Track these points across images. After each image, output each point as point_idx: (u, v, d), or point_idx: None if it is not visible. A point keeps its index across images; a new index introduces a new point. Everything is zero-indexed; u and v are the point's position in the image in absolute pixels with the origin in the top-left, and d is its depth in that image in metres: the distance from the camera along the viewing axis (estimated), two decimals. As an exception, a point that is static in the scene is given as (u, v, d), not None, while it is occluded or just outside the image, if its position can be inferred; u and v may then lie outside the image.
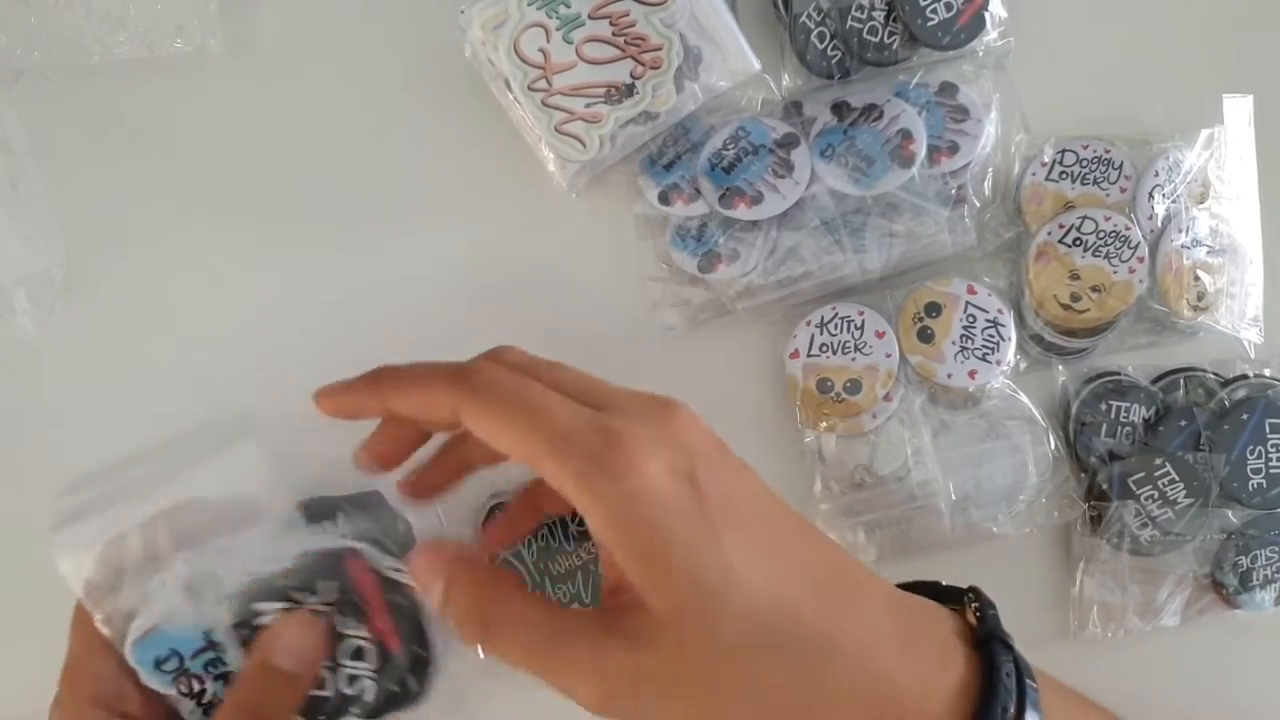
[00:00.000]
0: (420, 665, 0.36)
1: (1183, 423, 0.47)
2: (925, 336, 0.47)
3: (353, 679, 0.35)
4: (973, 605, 0.34)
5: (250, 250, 0.48)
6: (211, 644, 0.34)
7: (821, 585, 0.31)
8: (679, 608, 0.29)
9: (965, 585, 0.36)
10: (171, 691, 0.33)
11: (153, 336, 0.48)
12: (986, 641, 0.32)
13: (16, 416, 0.48)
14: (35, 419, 0.48)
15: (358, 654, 0.35)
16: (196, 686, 0.34)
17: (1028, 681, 0.32)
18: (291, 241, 0.48)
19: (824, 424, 0.47)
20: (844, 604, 0.31)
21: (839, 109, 0.47)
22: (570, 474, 0.30)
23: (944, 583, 0.36)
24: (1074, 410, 0.48)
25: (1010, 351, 0.47)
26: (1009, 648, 0.33)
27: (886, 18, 0.47)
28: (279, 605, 0.34)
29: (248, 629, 0.34)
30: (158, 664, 0.33)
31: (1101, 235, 0.47)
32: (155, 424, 0.34)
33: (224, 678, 0.34)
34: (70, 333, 0.48)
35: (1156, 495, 0.46)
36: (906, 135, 0.46)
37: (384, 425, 0.35)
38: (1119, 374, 0.48)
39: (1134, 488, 0.46)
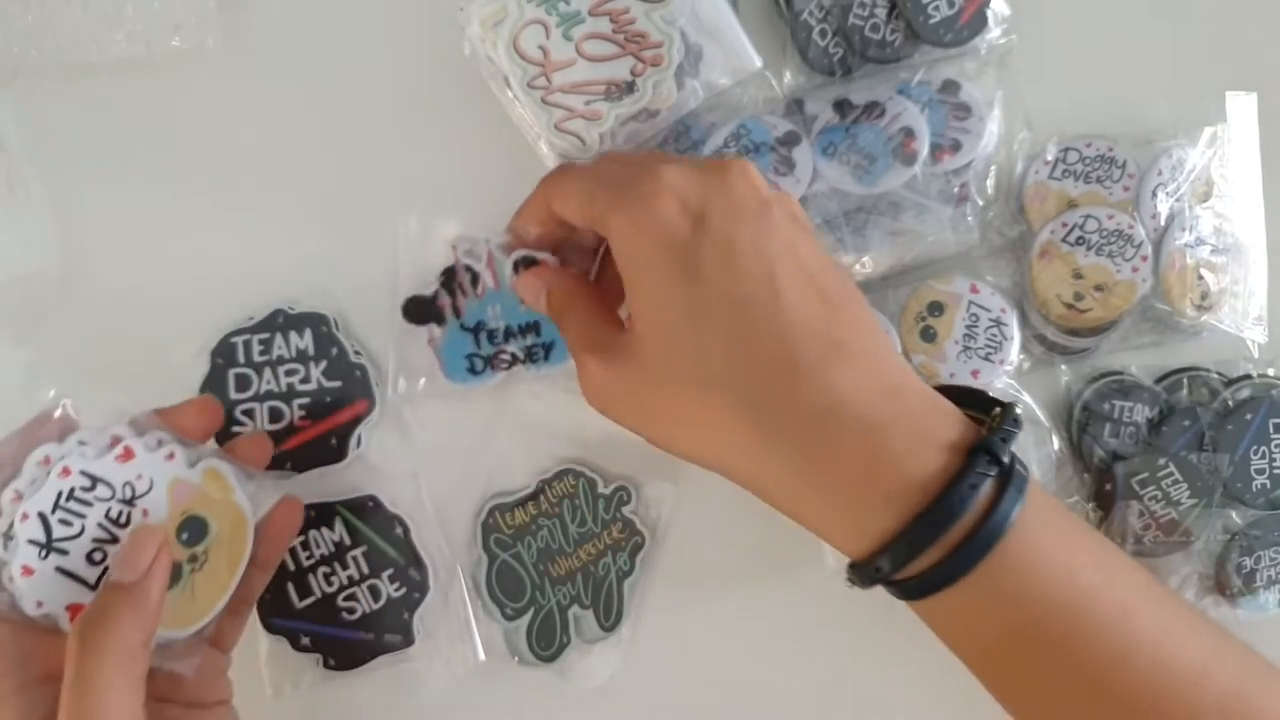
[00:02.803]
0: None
1: (1186, 423, 0.47)
2: (928, 335, 0.47)
3: None
4: (995, 420, 0.34)
5: (250, 249, 0.48)
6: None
7: (799, 348, 0.31)
8: (643, 336, 0.33)
9: (1007, 401, 0.35)
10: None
11: (152, 336, 0.48)
12: (974, 451, 0.32)
13: (15, 423, 0.48)
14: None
15: None
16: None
17: (1008, 492, 0.31)
18: (291, 240, 0.48)
19: (826, 424, 0.47)
20: (819, 373, 0.31)
21: (841, 107, 0.47)
22: (600, 208, 0.34)
23: (990, 394, 0.36)
24: (1077, 410, 0.48)
25: (1013, 351, 0.47)
26: (998, 464, 0.31)
27: (888, 15, 0.47)
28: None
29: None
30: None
31: (1105, 234, 0.47)
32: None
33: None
34: (67, 333, 0.47)
35: (1160, 495, 0.46)
36: (909, 133, 0.46)
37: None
38: (1122, 374, 0.48)
39: (1137, 488, 0.46)
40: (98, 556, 0.35)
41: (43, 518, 0.34)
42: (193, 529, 0.36)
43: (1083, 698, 0.32)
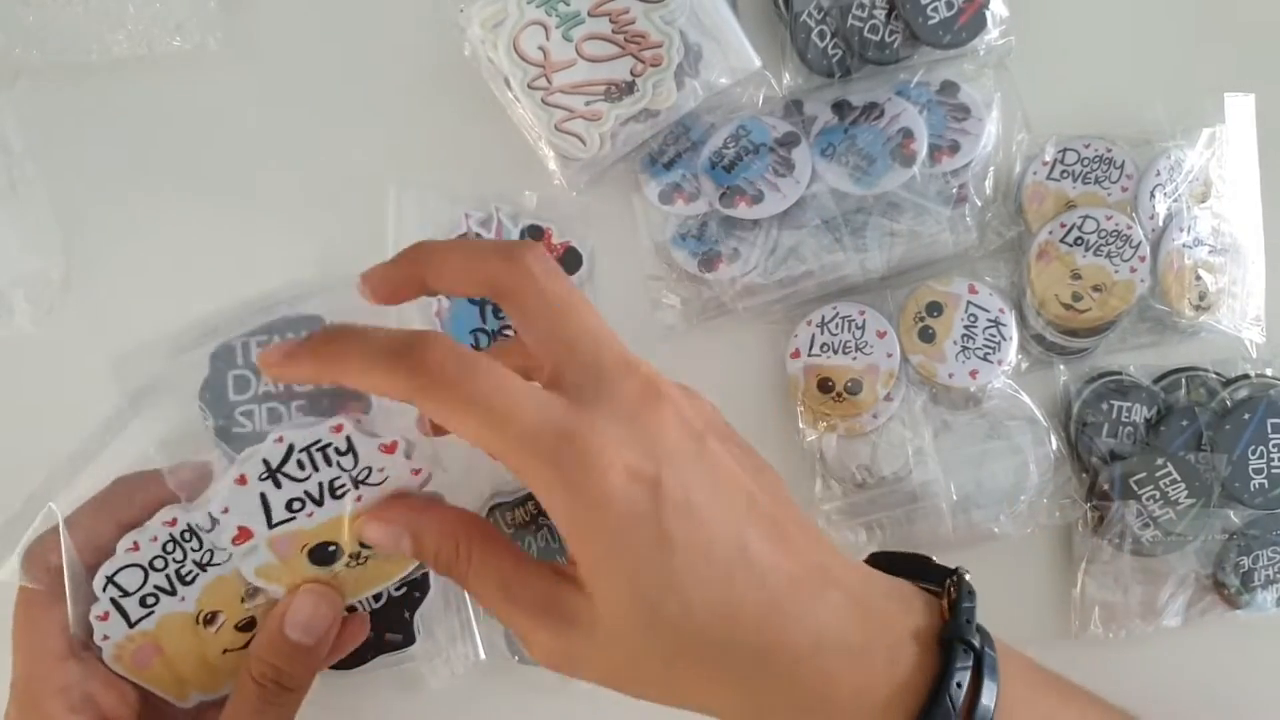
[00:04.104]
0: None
1: (1184, 423, 0.47)
2: (926, 336, 0.47)
3: None
4: (951, 595, 0.34)
5: (250, 249, 0.48)
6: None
7: (777, 592, 0.31)
8: (614, 613, 0.30)
9: (953, 567, 0.35)
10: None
11: (153, 336, 0.48)
12: (949, 643, 0.32)
13: (12, 416, 0.48)
14: (32, 419, 0.48)
15: None
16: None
17: (985, 684, 0.31)
18: (291, 240, 0.48)
19: (825, 424, 0.47)
20: (798, 610, 0.31)
21: (840, 108, 0.47)
22: (529, 476, 0.30)
23: (935, 560, 0.36)
24: (1075, 410, 0.48)
25: (1012, 351, 0.47)
26: (971, 649, 0.32)
27: (887, 16, 0.47)
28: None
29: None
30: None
31: (1103, 234, 0.47)
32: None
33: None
34: (68, 333, 0.48)
35: (1158, 495, 0.46)
36: (907, 134, 0.46)
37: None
38: (1120, 374, 0.48)
39: (1135, 488, 0.46)
40: (297, 506, 0.35)
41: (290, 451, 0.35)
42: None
43: None
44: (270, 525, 0.35)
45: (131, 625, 0.35)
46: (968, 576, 0.34)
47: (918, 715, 0.31)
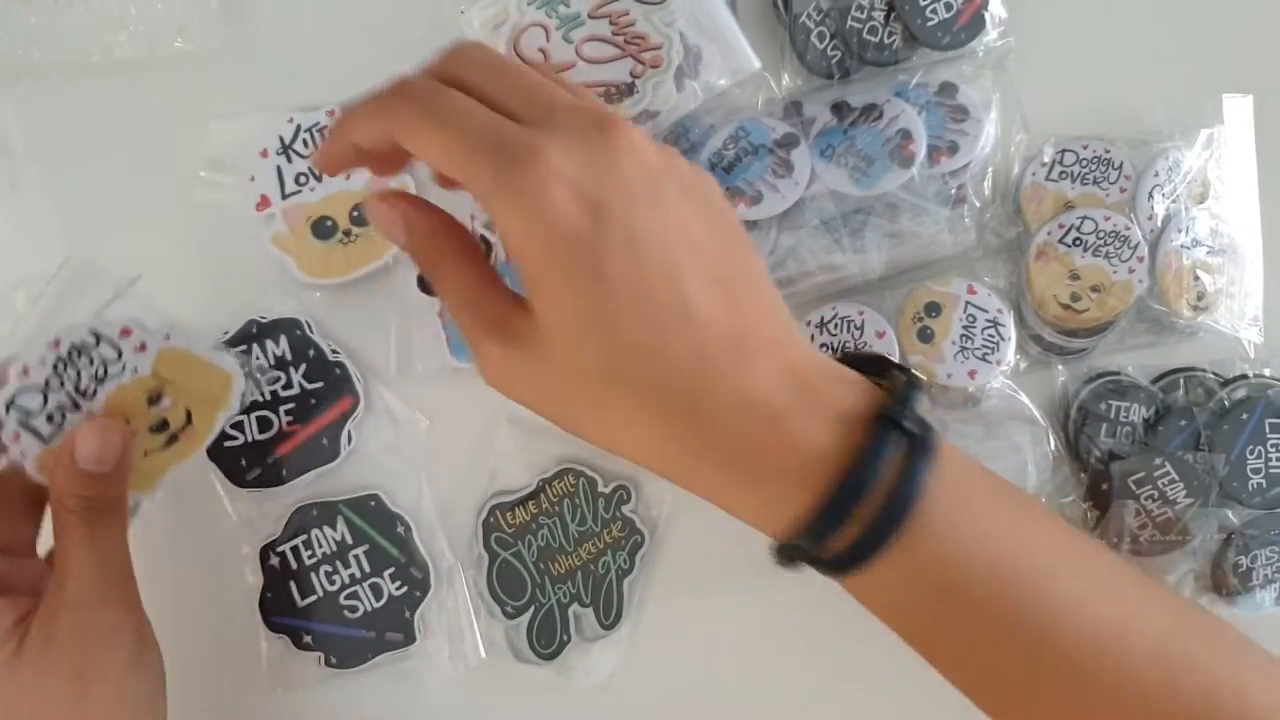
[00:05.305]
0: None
1: (1182, 422, 0.47)
2: (925, 336, 0.47)
3: None
4: (894, 382, 0.33)
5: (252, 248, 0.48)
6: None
7: (709, 346, 0.31)
8: (548, 332, 0.31)
9: (906, 364, 0.34)
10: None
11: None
12: (879, 420, 0.31)
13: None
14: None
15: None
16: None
17: (916, 468, 0.31)
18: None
19: (824, 424, 0.47)
20: (725, 367, 0.31)
21: (839, 109, 0.47)
22: (479, 189, 0.31)
23: (894, 359, 0.36)
24: (1074, 410, 0.48)
25: (1010, 351, 0.47)
26: (906, 434, 0.31)
27: (886, 17, 0.47)
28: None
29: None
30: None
31: (1101, 235, 0.47)
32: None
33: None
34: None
35: (1156, 495, 0.46)
36: (906, 135, 0.46)
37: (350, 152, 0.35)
38: (1119, 374, 0.48)
39: (1134, 487, 0.46)
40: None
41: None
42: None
43: (1017, 662, 0.32)
44: (284, 196, 0.44)
45: (46, 441, 0.37)
46: (916, 371, 0.33)
47: (836, 485, 0.30)
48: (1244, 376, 0.48)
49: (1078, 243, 0.47)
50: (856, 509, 0.30)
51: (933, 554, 0.31)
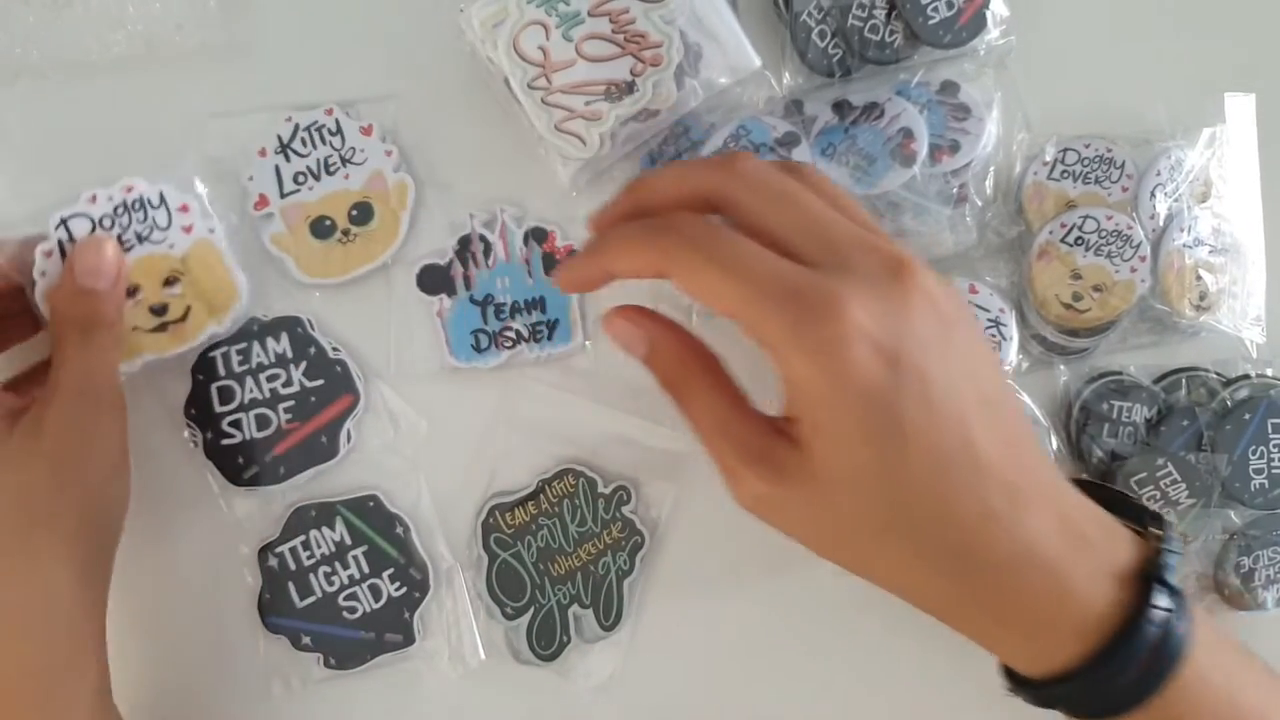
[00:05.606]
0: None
1: (1185, 423, 0.47)
2: (926, 336, 0.47)
3: None
4: (1156, 538, 0.34)
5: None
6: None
7: (993, 499, 0.31)
8: (827, 475, 0.31)
9: (1154, 509, 0.35)
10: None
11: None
12: (1150, 580, 0.32)
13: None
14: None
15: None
16: None
17: (1180, 626, 0.31)
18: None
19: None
20: (1010, 521, 0.31)
21: (840, 107, 0.47)
22: (770, 338, 0.30)
23: (1133, 497, 0.37)
24: (1076, 410, 0.48)
25: (1012, 351, 0.47)
26: (1173, 592, 0.32)
27: (888, 16, 0.47)
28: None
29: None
30: None
31: (1103, 234, 0.47)
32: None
33: None
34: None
35: (1158, 495, 0.46)
36: (908, 134, 0.46)
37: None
38: (1121, 374, 0.48)
39: (1136, 488, 0.46)
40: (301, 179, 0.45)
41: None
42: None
43: None
44: (282, 195, 0.45)
45: None
46: (1173, 526, 0.35)
47: (1111, 642, 0.31)
48: (1246, 376, 0.48)
49: (1080, 242, 0.47)
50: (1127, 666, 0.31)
51: (1188, 709, 0.32)
